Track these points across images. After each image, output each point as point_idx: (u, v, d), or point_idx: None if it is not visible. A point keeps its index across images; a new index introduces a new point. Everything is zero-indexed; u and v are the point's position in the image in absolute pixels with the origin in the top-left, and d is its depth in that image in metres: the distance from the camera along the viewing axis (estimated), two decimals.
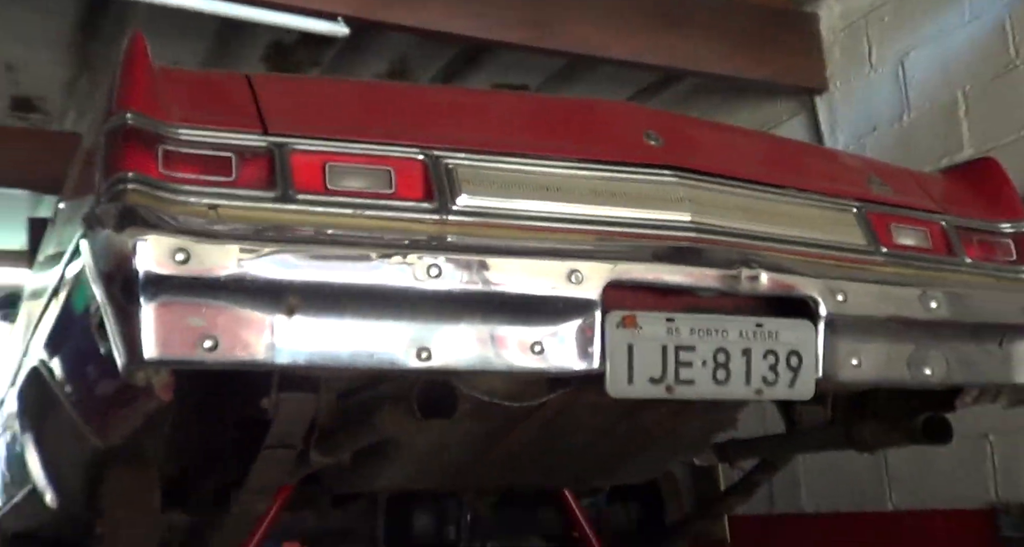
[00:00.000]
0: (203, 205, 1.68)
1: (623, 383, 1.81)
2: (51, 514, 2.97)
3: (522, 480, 2.84)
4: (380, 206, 1.79)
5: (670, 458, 2.86)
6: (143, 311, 1.51)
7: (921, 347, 2.10)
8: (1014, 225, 2.43)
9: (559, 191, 1.94)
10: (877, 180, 2.37)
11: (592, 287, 1.77)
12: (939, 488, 3.67)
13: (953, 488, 3.61)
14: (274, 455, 2.12)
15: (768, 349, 1.93)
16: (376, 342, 1.65)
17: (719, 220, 2.02)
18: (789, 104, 4.44)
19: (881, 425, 2.49)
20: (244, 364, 1.59)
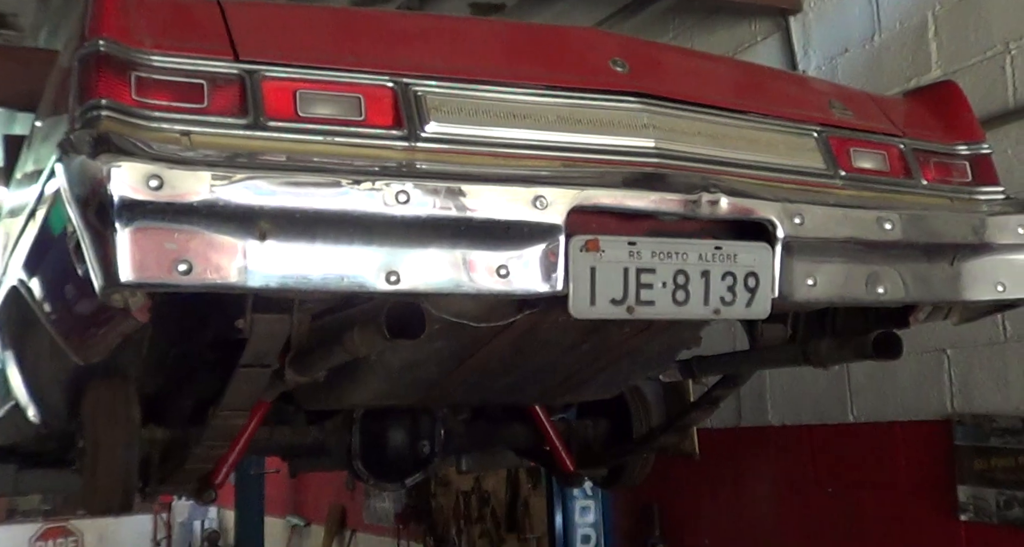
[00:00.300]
0: (176, 132, 1.71)
1: (586, 304, 1.87)
2: (34, 429, 3.04)
3: (492, 397, 2.93)
4: (350, 133, 1.82)
5: (635, 374, 2.94)
6: (118, 235, 1.55)
7: (875, 267, 2.16)
8: (970, 147, 2.48)
9: (525, 118, 1.97)
10: (839, 105, 2.41)
11: (556, 212, 1.81)
12: (898, 401, 3.80)
13: (911, 400, 3.74)
14: (249, 373, 2.18)
15: (726, 271, 1.99)
16: (346, 266, 1.69)
17: (682, 146, 2.07)
18: (763, 25, 4.43)
19: (835, 342, 2.58)
20: (218, 287, 1.63)
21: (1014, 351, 3.39)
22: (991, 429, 3.41)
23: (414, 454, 3.14)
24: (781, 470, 4.35)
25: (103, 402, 2.58)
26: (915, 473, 3.71)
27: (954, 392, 3.59)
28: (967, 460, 3.49)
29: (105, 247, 1.57)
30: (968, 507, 3.49)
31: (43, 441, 3.37)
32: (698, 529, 4.78)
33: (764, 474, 4.44)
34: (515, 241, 1.80)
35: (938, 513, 3.59)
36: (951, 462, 3.54)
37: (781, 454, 4.35)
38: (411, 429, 3.13)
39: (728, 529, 4.62)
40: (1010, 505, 3.34)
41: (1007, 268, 2.32)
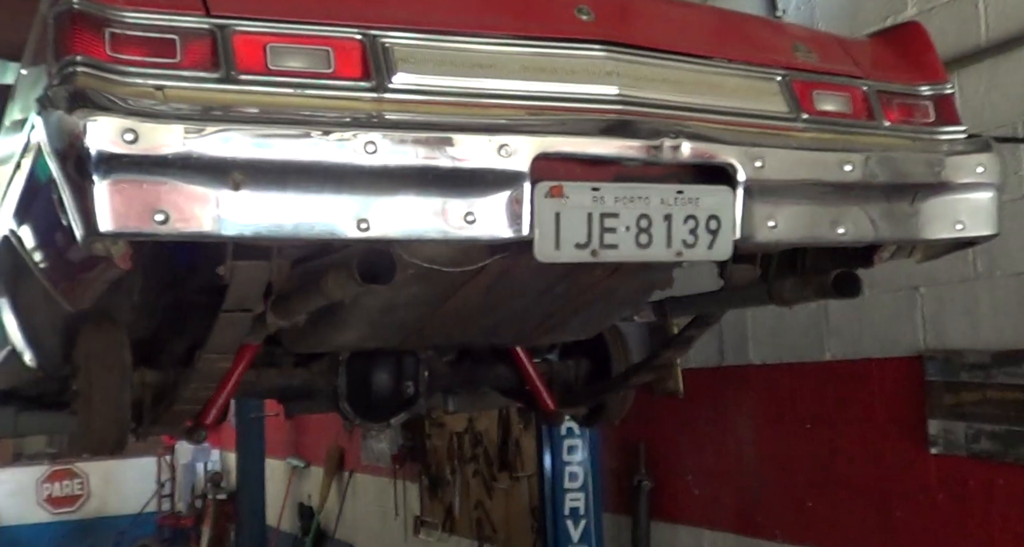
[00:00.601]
0: (150, 86, 1.76)
1: (551, 248, 1.94)
2: (31, 373, 3.14)
3: (471, 338, 3.02)
4: (320, 85, 1.88)
5: (610, 316, 3.02)
6: (96, 187, 1.62)
7: (836, 208, 2.23)
8: (933, 88, 2.52)
9: (491, 67, 2.02)
10: (803, 48, 2.45)
11: (521, 160, 1.88)
12: (872, 338, 3.89)
13: (885, 338, 3.83)
14: (231, 318, 2.26)
15: (688, 214, 2.06)
16: (317, 214, 1.77)
17: (645, 93, 2.12)
18: None
19: (798, 281, 2.65)
20: (194, 236, 1.71)
21: (984, 287, 3.47)
22: (961, 364, 3.51)
23: (398, 395, 3.23)
24: (762, 407, 4.46)
25: (95, 346, 2.66)
26: (888, 408, 3.82)
27: (926, 329, 3.68)
28: (938, 395, 3.59)
29: (84, 198, 1.64)
30: (938, 440, 3.60)
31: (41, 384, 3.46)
32: (682, 465, 4.92)
33: (745, 411, 4.56)
34: (481, 188, 1.87)
35: (910, 446, 3.71)
36: (923, 397, 3.65)
37: (762, 392, 4.46)
38: (395, 371, 3.21)
39: (711, 465, 4.75)
40: (977, 438, 3.45)
41: (965, 207, 2.39)
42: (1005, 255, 3.40)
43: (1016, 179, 3.36)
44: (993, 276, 3.44)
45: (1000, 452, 3.38)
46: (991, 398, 3.39)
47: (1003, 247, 3.38)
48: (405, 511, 8.00)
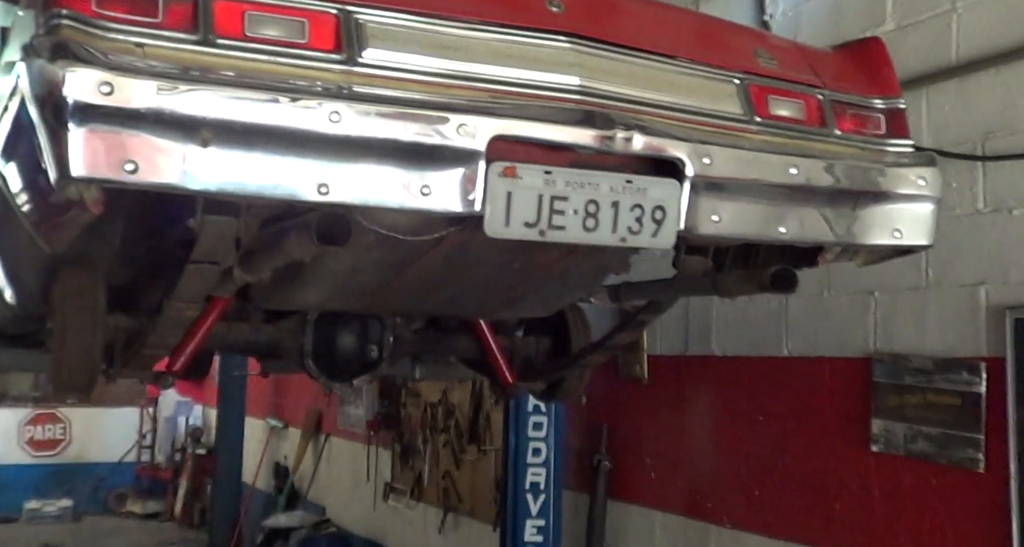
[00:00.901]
0: (131, 43, 1.87)
1: (500, 225, 2.06)
2: (11, 311, 3.26)
3: (431, 307, 3.15)
4: (293, 54, 1.98)
5: (566, 295, 3.14)
6: (71, 134, 1.74)
7: (778, 208, 2.35)
8: (886, 101, 2.64)
9: (459, 50, 2.13)
10: (765, 54, 2.56)
11: (479, 140, 1.99)
12: (828, 337, 4.02)
13: (839, 338, 3.95)
14: (199, 269, 2.38)
15: (636, 203, 2.18)
16: (281, 176, 1.88)
17: (605, 85, 2.23)
18: None
19: (740, 275, 2.78)
20: (161, 187, 1.83)
21: (933, 296, 3.59)
22: (906, 368, 3.63)
23: (362, 357, 3.36)
24: (720, 397, 4.60)
25: (71, 288, 2.78)
26: (837, 406, 3.95)
27: (877, 332, 3.80)
28: (883, 396, 3.72)
29: (59, 144, 1.75)
30: (879, 439, 3.73)
31: (21, 323, 3.59)
32: (641, 448, 5.06)
33: (704, 400, 4.69)
34: (439, 163, 1.98)
35: (853, 444, 3.84)
36: (869, 397, 3.78)
37: (721, 382, 4.59)
38: (361, 333, 3.34)
39: (668, 450, 4.89)
40: (915, 439, 3.58)
41: (905, 216, 2.51)
42: (955, 267, 3.52)
43: (971, 195, 3.48)
44: (942, 286, 3.56)
45: (935, 453, 3.51)
46: (931, 402, 3.52)
47: (953, 259, 3.51)
48: (376, 477, 8.15)
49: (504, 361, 3.59)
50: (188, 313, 2.69)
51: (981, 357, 3.40)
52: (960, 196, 3.50)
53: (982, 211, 3.45)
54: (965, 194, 3.49)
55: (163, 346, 2.91)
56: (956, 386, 3.44)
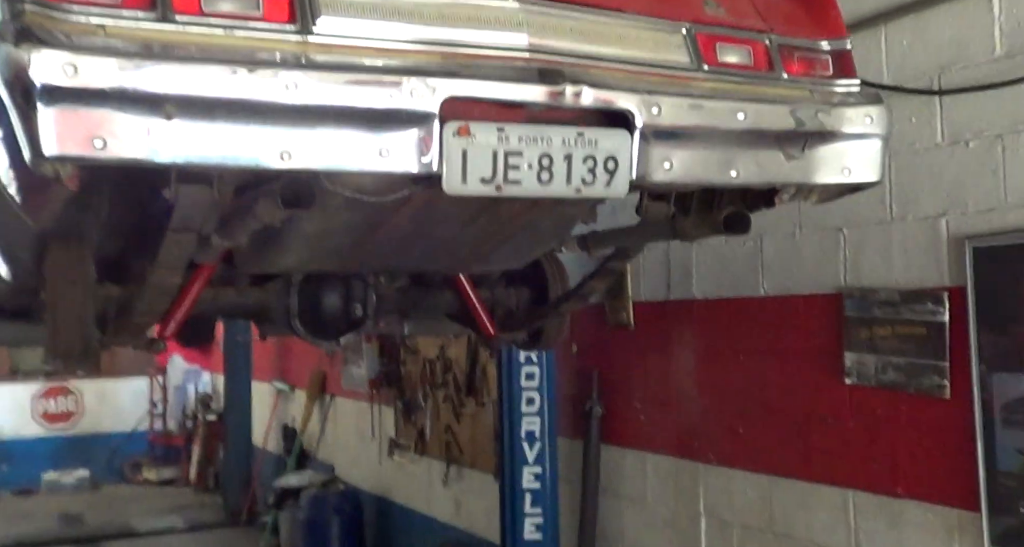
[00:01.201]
0: (93, 25, 1.95)
1: (457, 182, 2.15)
2: (7, 285, 3.39)
3: (406, 264, 3.26)
4: (249, 27, 2.06)
5: (536, 247, 3.23)
6: (41, 114, 1.83)
7: (729, 153, 2.44)
8: (832, 43, 2.70)
9: (410, 15, 2.20)
10: (712, 3, 2.64)
11: (432, 101, 2.07)
12: (801, 276, 4.13)
13: (811, 275, 4.07)
14: (178, 237, 2.48)
15: (588, 155, 2.27)
16: (244, 145, 1.97)
17: (553, 42, 2.30)
18: None
19: (696, 219, 2.88)
20: (130, 162, 1.92)
21: (897, 229, 3.69)
22: (874, 301, 3.75)
23: (347, 315, 3.47)
24: (702, 339, 4.72)
25: (61, 261, 2.88)
26: (811, 341, 4.07)
27: (847, 268, 3.91)
28: (854, 329, 3.84)
29: (30, 125, 1.85)
30: (852, 372, 3.86)
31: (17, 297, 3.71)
32: (631, 393, 5.20)
33: (688, 343, 4.82)
34: (395, 125, 2.07)
35: (828, 377, 3.97)
36: (841, 331, 3.90)
37: (703, 325, 4.71)
38: (344, 293, 3.45)
39: (656, 393, 5.03)
40: (885, 370, 3.71)
41: (853, 154, 2.59)
42: (917, 200, 3.62)
43: (930, 129, 3.56)
44: (906, 219, 3.66)
45: (903, 383, 3.64)
46: (899, 333, 3.64)
47: (916, 192, 3.61)
48: (381, 434, 8.33)
49: (485, 313, 3.71)
50: (173, 280, 2.79)
51: (944, 287, 3.51)
52: (919, 131, 3.59)
53: (940, 144, 3.55)
54: (924, 129, 3.58)
55: (153, 313, 3.02)
56: (921, 316, 3.56)
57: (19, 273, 3.19)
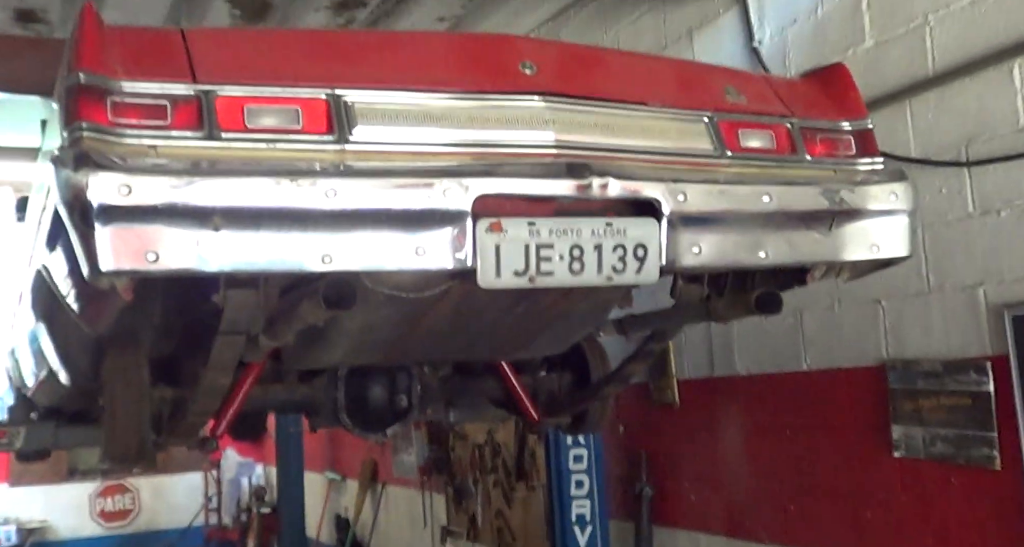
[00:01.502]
0: (144, 145, 2.09)
1: (492, 276, 2.23)
2: (67, 391, 3.50)
3: (448, 354, 3.33)
4: (290, 140, 2.19)
5: (574, 332, 3.29)
6: (98, 233, 1.96)
7: (757, 235, 2.49)
8: (854, 123, 2.78)
9: (441, 119, 2.32)
10: (733, 90, 2.73)
11: (465, 200, 2.17)
12: (843, 349, 4.13)
13: (853, 348, 4.06)
14: (228, 340, 2.57)
15: (617, 243, 2.34)
16: (287, 250, 2.08)
17: (579, 137, 2.40)
18: None
19: (729, 300, 2.92)
20: (181, 272, 2.04)
21: (936, 300, 3.70)
22: (918, 372, 3.74)
23: (393, 407, 3.54)
24: (748, 415, 4.71)
25: (118, 367, 3.00)
26: (858, 415, 4.05)
27: (888, 339, 3.91)
28: (899, 402, 3.82)
29: (88, 243, 1.97)
30: (901, 444, 3.83)
31: (76, 401, 3.83)
32: (680, 472, 5.17)
33: (734, 420, 4.80)
34: (430, 224, 2.17)
35: (877, 451, 3.93)
36: (886, 404, 3.88)
37: (748, 401, 4.70)
38: (389, 385, 3.52)
39: (705, 471, 5.00)
40: (933, 442, 3.68)
41: (880, 231, 2.64)
42: (953, 270, 3.63)
43: (961, 199, 3.60)
44: (944, 289, 3.67)
45: (952, 454, 3.60)
46: (944, 404, 3.62)
47: (951, 263, 3.63)
48: (432, 521, 8.30)
49: (528, 399, 3.76)
50: (224, 381, 2.88)
51: (986, 357, 3.50)
52: (950, 202, 3.62)
53: (972, 214, 3.57)
54: (955, 199, 3.62)
55: (205, 413, 3.11)
56: (966, 387, 3.54)
57: (77, 377, 3.31)
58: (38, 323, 3.33)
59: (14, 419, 4.74)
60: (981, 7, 3.51)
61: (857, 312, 4.03)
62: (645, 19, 5.23)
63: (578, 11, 5.75)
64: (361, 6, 5.62)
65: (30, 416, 4.64)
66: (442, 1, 5.60)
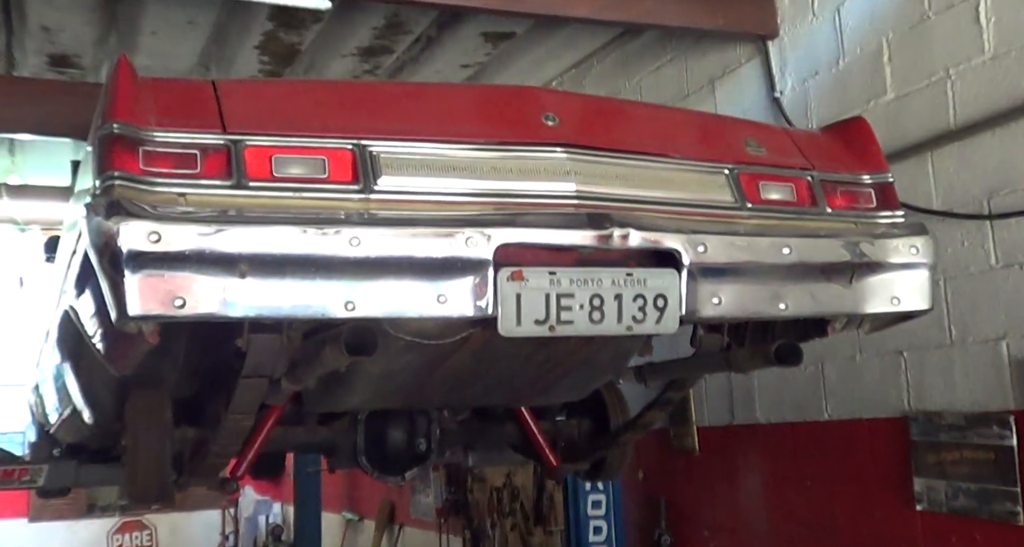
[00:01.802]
0: (174, 193, 2.14)
1: (512, 324, 2.25)
2: (90, 429, 3.53)
3: (468, 399, 3.34)
4: (316, 189, 2.23)
5: (593, 379, 3.30)
6: (127, 279, 1.99)
7: (777, 286, 2.50)
8: (874, 177, 2.80)
9: (465, 170, 2.35)
10: (754, 143, 2.75)
11: (487, 249, 2.20)
12: (864, 399, 4.11)
13: (874, 399, 4.04)
14: (249, 383, 2.61)
15: (637, 293, 2.36)
16: (311, 297, 2.11)
17: (600, 188, 2.43)
18: (746, 49, 4.74)
19: (749, 351, 2.93)
20: (207, 317, 2.07)
21: (958, 353, 3.68)
22: (940, 425, 3.71)
23: (412, 451, 3.56)
24: (768, 464, 4.68)
25: (141, 407, 3.03)
26: (879, 466, 4.02)
27: (910, 391, 3.89)
28: (922, 454, 3.79)
29: (117, 288, 2.01)
30: (923, 498, 3.79)
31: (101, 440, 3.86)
32: (699, 520, 5.13)
33: (754, 468, 4.77)
34: (452, 273, 2.19)
35: (899, 503, 3.90)
36: (908, 456, 3.85)
37: (768, 449, 4.68)
38: (408, 428, 3.54)
39: (725, 519, 4.96)
40: (956, 496, 3.64)
41: (901, 284, 2.64)
42: (976, 323, 3.62)
43: (983, 252, 3.59)
44: (966, 342, 3.66)
45: (975, 509, 3.56)
46: (967, 457, 3.59)
47: (974, 315, 3.62)
48: None
49: (547, 445, 3.76)
50: (246, 423, 2.91)
51: (1009, 411, 3.48)
52: (973, 254, 3.62)
53: (995, 267, 3.57)
54: (977, 252, 3.61)
55: (227, 455, 3.13)
56: (989, 440, 3.51)
57: (101, 417, 3.33)
58: (64, 362, 3.36)
59: (36, 456, 4.79)
60: (1003, 62, 3.54)
61: (879, 363, 4.02)
62: (667, 68, 5.29)
63: (601, 60, 5.82)
64: (387, 53, 5.72)
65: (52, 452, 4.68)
66: (466, 49, 5.69)
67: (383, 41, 5.58)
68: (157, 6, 5.01)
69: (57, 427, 4.27)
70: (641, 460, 5.21)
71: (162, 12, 5.10)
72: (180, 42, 5.55)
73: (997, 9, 3.56)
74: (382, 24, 5.36)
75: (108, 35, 5.58)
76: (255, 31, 5.37)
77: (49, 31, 5.46)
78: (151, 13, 5.12)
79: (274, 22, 5.27)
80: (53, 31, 5.45)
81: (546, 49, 5.60)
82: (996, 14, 3.56)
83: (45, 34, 5.49)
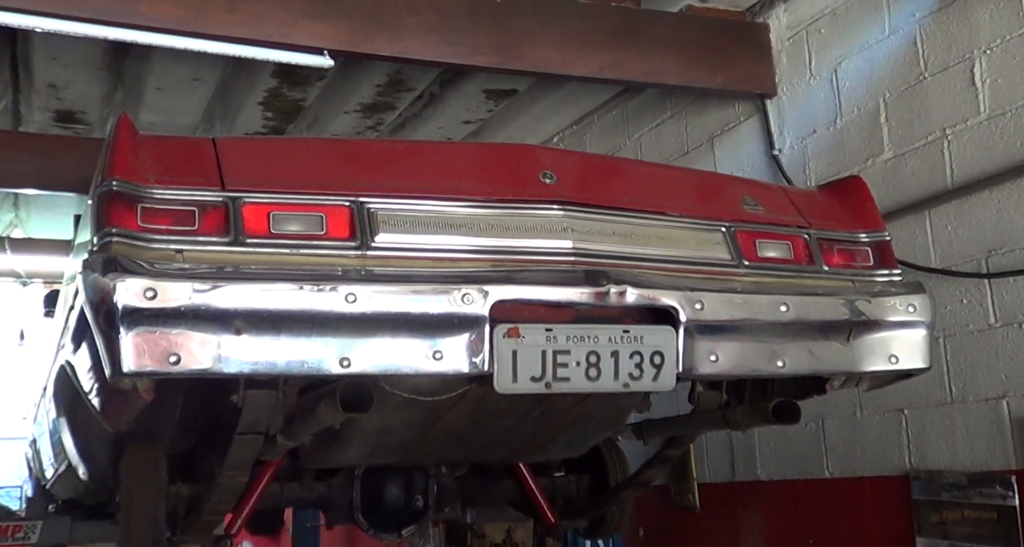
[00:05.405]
0: (171, 250, 2.15)
1: (508, 381, 2.25)
2: (85, 485, 3.51)
3: (464, 456, 3.32)
4: (313, 246, 2.25)
5: (591, 436, 3.29)
6: (122, 336, 2.00)
7: (775, 344, 2.50)
8: (871, 235, 2.81)
9: (461, 227, 2.37)
10: (751, 201, 2.77)
11: (483, 306, 2.21)
12: (866, 457, 4.07)
13: (876, 457, 4.00)
14: (245, 439, 2.59)
15: (634, 350, 2.36)
16: (306, 353, 2.11)
17: (597, 245, 2.44)
18: (745, 107, 4.78)
19: (747, 408, 2.92)
20: (201, 373, 2.07)
21: (959, 411, 3.66)
22: (942, 484, 3.67)
23: (409, 507, 3.53)
24: (770, 521, 4.62)
25: (136, 464, 3.02)
26: (881, 525, 3.96)
27: (911, 449, 3.86)
28: (924, 513, 3.74)
29: (112, 345, 2.01)
30: None
31: (94, 496, 3.84)
32: None
33: (756, 526, 4.71)
34: (447, 329, 2.20)
35: None
36: (911, 515, 3.80)
37: (769, 507, 4.62)
38: (406, 485, 3.52)
39: None
40: None
41: (899, 342, 2.64)
42: (975, 382, 3.60)
43: (982, 311, 3.59)
44: (967, 401, 3.63)
45: None
46: (968, 517, 3.55)
47: (974, 374, 3.60)
48: None
49: (546, 501, 3.73)
50: (240, 479, 2.89)
51: (1011, 470, 3.44)
52: (972, 312, 3.61)
53: (994, 326, 3.56)
54: (976, 310, 3.61)
55: (221, 512, 3.11)
56: (991, 500, 3.47)
57: (96, 473, 3.32)
58: (60, 416, 3.36)
59: (31, 513, 4.75)
60: (999, 123, 3.56)
61: (880, 421, 3.99)
62: (667, 125, 5.33)
63: (602, 116, 5.87)
64: (390, 109, 5.79)
65: (48, 508, 4.65)
66: (468, 105, 5.74)
67: (386, 98, 5.64)
68: (163, 63, 5.07)
69: (53, 482, 4.26)
70: (642, 517, 5.15)
71: (168, 69, 5.16)
72: (185, 98, 5.62)
73: (992, 71, 3.60)
74: (384, 81, 5.42)
75: (114, 91, 5.65)
76: (259, 88, 5.43)
77: (56, 88, 5.53)
78: (157, 70, 5.18)
79: (278, 79, 5.34)
80: (60, 88, 5.53)
81: (547, 106, 5.66)
82: (991, 76, 3.60)
83: (52, 91, 5.57)
